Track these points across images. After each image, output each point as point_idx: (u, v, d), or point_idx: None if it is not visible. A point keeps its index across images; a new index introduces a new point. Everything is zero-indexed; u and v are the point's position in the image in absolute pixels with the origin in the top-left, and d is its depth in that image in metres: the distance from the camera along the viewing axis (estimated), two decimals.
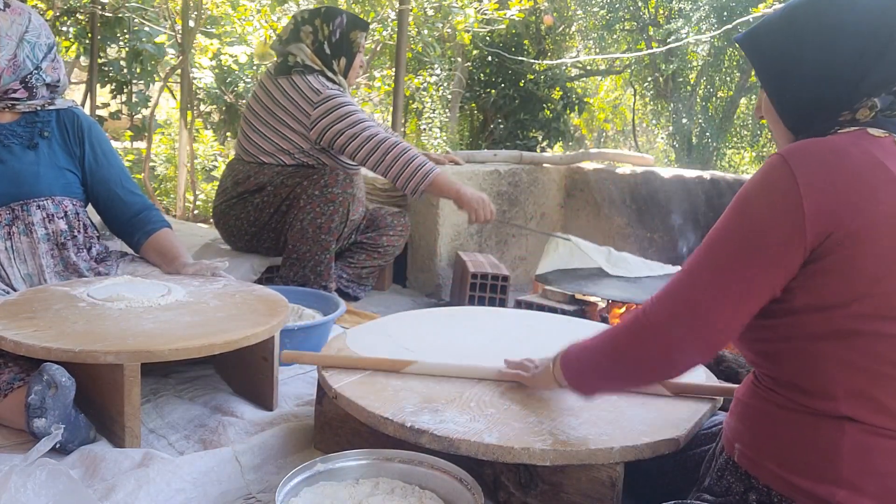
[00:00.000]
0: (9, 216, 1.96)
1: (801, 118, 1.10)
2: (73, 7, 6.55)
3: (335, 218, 2.62)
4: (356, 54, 2.84)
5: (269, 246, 2.80)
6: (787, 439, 1.05)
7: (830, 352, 1.01)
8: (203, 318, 1.73)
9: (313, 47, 2.77)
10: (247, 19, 7.51)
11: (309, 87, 2.70)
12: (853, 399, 1.00)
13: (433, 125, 9.51)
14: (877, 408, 1.00)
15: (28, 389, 1.49)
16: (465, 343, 1.80)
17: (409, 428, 1.32)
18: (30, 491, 1.22)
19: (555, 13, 10.85)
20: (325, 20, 2.77)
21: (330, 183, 2.61)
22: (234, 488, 1.46)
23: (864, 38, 1.02)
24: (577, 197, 3.81)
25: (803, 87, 1.08)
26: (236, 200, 2.77)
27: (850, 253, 0.98)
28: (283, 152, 2.73)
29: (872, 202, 0.97)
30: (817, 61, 1.05)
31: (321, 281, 2.67)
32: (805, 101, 1.08)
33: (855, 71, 1.03)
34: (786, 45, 1.09)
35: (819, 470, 1.01)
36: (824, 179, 0.99)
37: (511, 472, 1.34)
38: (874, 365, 1.00)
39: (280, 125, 2.73)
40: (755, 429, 1.10)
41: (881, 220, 0.97)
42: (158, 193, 7.59)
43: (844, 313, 1.00)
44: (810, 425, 1.03)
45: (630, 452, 1.28)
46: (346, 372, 1.57)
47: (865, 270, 0.98)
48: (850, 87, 1.04)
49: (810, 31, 1.06)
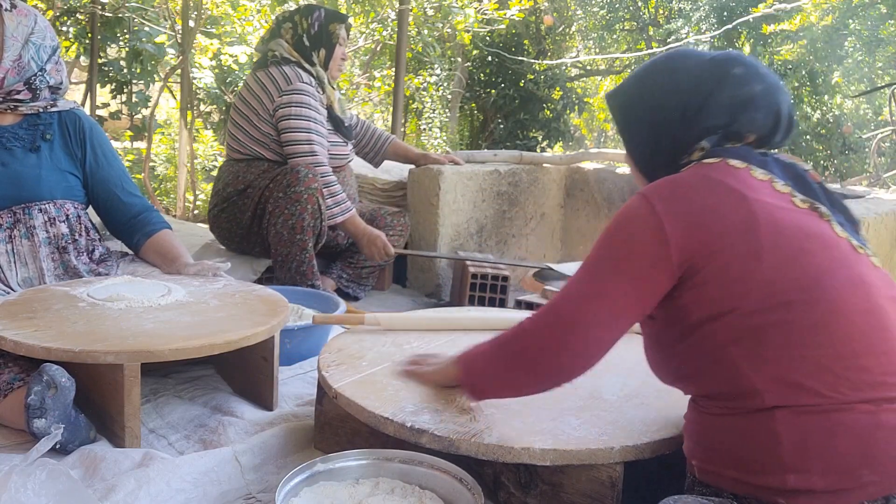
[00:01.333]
0: (10, 219, 1.96)
1: (648, 164, 1.29)
2: (73, 7, 6.55)
3: (305, 216, 2.62)
4: (335, 45, 2.89)
5: (258, 249, 2.82)
6: (733, 444, 1.11)
7: (740, 353, 1.09)
8: (203, 318, 1.73)
9: (293, 41, 2.84)
10: (247, 19, 7.51)
11: (282, 75, 2.76)
12: (775, 389, 1.07)
13: (433, 125, 9.50)
14: (798, 389, 1.06)
15: (28, 390, 1.49)
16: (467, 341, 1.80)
17: (409, 428, 1.32)
18: (30, 491, 1.23)
19: (555, 13, 10.84)
20: (304, 15, 2.85)
21: (292, 182, 2.61)
22: (234, 488, 1.46)
23: (687, 95, 1.21)
24: (577, 197, 3.81)
25: (645, 138, 1.28)
26: (226, 203, 2.80)
27: (718, 262, 1.10)
28: (257, 143, 2.78)
29: (721, 214, 1.12)
30: (653, 116, 1.25)
31: (306, 280, 2.67)
32: (648, 151, 1.28)
33: (682, 123, 1.22)
34: (630, 104, 1.30)
35: (766, 463, 1.07)
36: (677, 206, 1.14)
37: (511, 471, 1.34)
38: (783, 353, 1.07)
39: (253, 115, 2.78)
40: (703, 443, 1.17)
41: (735, 226, 1.11)
42: (158, 193, 7.59)
43: (736, 316, 1.09)
44: (747, 424, 1.10)
45: (630, 452, 1.28)
46: (346, 371, 1.57)
47: (735, 273, 1.09)
48: (681, 136, 1.22)
49: (647, 91, 1.27)
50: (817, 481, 1.04)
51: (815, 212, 1.15)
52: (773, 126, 1.22)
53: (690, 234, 1.12)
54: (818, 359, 1.06)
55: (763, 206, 1.12)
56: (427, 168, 3.21)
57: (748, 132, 1.21)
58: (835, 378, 1.06)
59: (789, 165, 1.22)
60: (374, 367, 1.60)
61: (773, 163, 1.20)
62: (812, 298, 1.08)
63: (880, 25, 9.01)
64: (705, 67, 1.22)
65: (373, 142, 3.22)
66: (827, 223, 1.15)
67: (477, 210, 3.35)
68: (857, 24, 9.19)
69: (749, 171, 1.17)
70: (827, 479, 1.04)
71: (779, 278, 1.09)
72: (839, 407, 1.05)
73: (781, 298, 1.08)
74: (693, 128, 1.21)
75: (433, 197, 3.18)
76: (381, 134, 3.26)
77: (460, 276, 2.92)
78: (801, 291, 1.08)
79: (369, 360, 1.64)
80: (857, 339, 1.07)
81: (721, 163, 1.17)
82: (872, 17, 9.09)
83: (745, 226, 1.11)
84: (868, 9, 9.19)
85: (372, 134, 3.23)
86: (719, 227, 1.11)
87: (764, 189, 1.15)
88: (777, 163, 1.21)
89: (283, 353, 1.98)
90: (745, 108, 1.19)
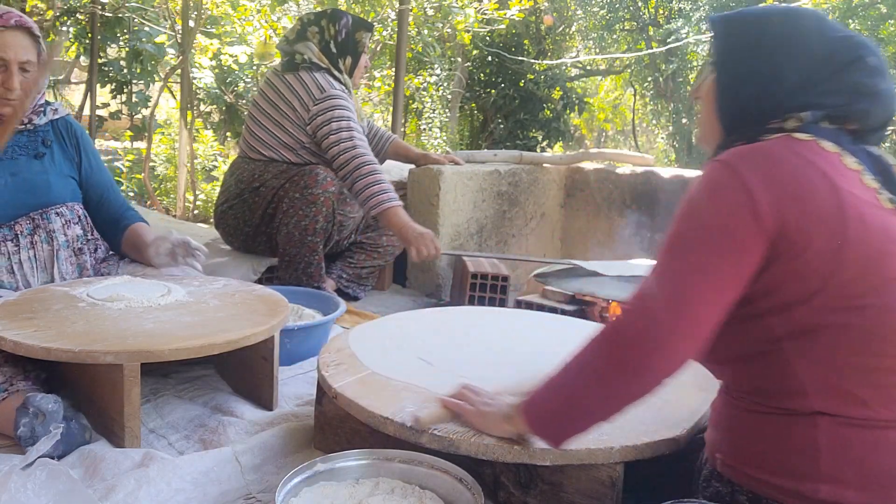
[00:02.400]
0: (30, 225, 1.98)
1: (734, 115, 1.16)
2: (73, 7, 6.55)
3: (319, 219, 2.62)
4: (361, 54, 2.89)
5: (264, 248, 2.82)
6: (765, 442, 1.07)
7: (794, 350, 1.04)
8: (203, 318, 1.73)
9: (320, 46, 2.81)
10: (247, 19, 7.51)
11: (315, 83, 2.74)
12: (823, 393, 1.02)
13: (433, 125, 9.50)
14: (847, 399, 1.02)
15: (16, 423, 1.51)
16: (467, 341, 1.80)
17: (409, 428, 1.32)
18: (30, 491, 1.23)
19: (555, 13, 10.84)
20: (332, 20, 2.83)
21: (310, 184, 2.61)
22: (233, 488, 1.46)
23: (815, 62, 1.11)
24: (577, 197, 3.81)
25: (752, 87, 1.14)
26: (237, 200, 2.78)
27: (801, 249, 1.02)
28: (285, 147, 2.75)
29: (812, 197, 1.03)
30: (767, 67, 1.13)
31: (312, 282, 2.67)
32: (743, 101, 1.15)
33: (800, 87, 1.11)
34: (745, 43, 1.16)
35: (799, 468, 1.03)
36: (766, 176, 1.04)
37: (511, 471, 1.34)
38: (839, 357, 1.02)
39: (283, 118, 2.75)
40: (732, 437, 1.12)
41: (824, 214, 1.02)
42: (158, 193, 7.58)
43: (803, 310, 1.03)
44: (784, 425, 1.05)
45: (630, 452, 1.28)
46: (346, 372, 1.56)
47: (816, 265, 1.02)
48: (790, 100, 1.12)
49: (771, 38, 1.14)
50: (852, 496, 1.01)
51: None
52: (880, 126, 1.14)
53: (785, 206, 1.03)
54: (874, 370, 1.02)
55: (853, 198, 1.04)
56: (427, 168, 3.21)
57: (856, 121, 1.12)
58: (886, 392, 1.02)
59: (877, 158, 1.13)
60: (374, 366, 1.60)
61: (863, 153, 1.12)
62: (884, 305, 1.02)
63: (880, 25, 9.01)
64: (842, 42, 1.12)
65: (375, 140, 3.23)
66: None
67: (477, 210, 3.35)
68: (857, 24, 9.19)
69: (840, 157, 1.08)
70: (862, 495, 1.01)
71: (856, 278, 1.02)
72: (885, 424, 1.02)
73: (853, 301, 1.02)
74: (806, 96, 1.11)
75: (433, 197, 3.18)
76: (383, 133, 3.26)
77: (460, 276, 2.92)
78: (873, 298, 1.02)
79: (369, 360, 1.64)
80: None
81: (812, 142, 1.09)
82: (872, 17, 9.10)
83: (836, 216, 1.03)
84: (868, 9, 9.19)
85: (375, 133, 3.23)
86: (812, 208, 1.03)
87: (854, 180, 1.07)
88: (867, 154, 1.13)
89: (283, 353, 1.98)
90: (867, 98, 1.11)
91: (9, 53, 1.87)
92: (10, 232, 1.95)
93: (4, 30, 1.86)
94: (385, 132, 3.28)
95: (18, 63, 1.89)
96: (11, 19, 1.88)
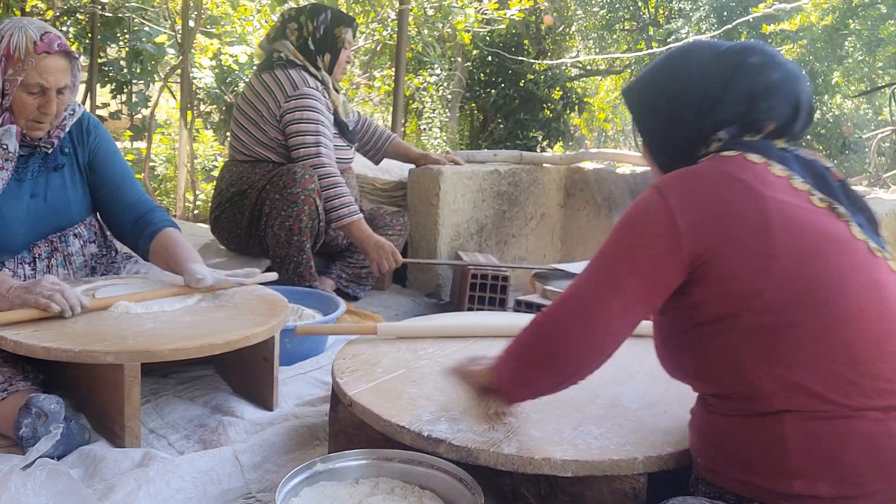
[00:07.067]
0: (48, 248, 1.94)
1: (664, 157, 1.27)
2: (73, 7, 6.54)
3: (303, 218, 2.61)
4: (341, 50, 2.86)
5: (257, 250, 2.82)
6: (739, 445, 1.10)
7: (749, 354, 1.08)
8: (203, 318, 1.73)
9: (297, 43, 2.81)
10: (247, 19, 7.50)
11: (288, 79, 2.74)
12: (784, 391, 1.06)
13: (433, 125, 9.50)
14: (807, 394, 1.05)
15: (18, 423, 1.50)
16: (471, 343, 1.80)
17: (426, 437, 1.28)
18: (30, 491, 1.23)
19: (555, 13, 10.84)
20: (310, 16, 2.81)
21: (288, 183, 2.60)
22: (234, 488, 1.46)
23: (704, 84, 1.19)
24: (577, 197, 3.81)
25: (662, 130, 1.25)
26: (228, 204, 2.79)
27: (731, 260, 1.08)
28: (264, 146, 2.77)
29: (734, 217, 1.09)
30: (670, 107, 1.23)
31: (303, 282, 2.67)
32: (665, 143, 1.26)
33: (699, 114, 1.19)
34: (647, 96, 1.28)
35: (773, 466, 1.06)
36: (690, 200, 1.12)
37: (531, 482, 1.29)
38: (792, 355, 1.06)
39: (259, 118, 2.76)
40: (710, 442, 1.16)
41: (747, 229, 1.08)
42: (158, 193, 7.58)
43: (749, 315, 1.07)
44: (755, 426, 1.09)
45: (654, 463, 1.24)
46: (361, 378, 1.53)
47: (745, 281, 1.07)
48: (698, 127, 1.20)
49: (663, 83, 1.24)
50: (824, 488, 1.03)
51: (833, 212, 1.12)
52: (793, 115, 1.18)
53: (703, 228, 1.10)
54: (829, 363, 1.04)
55: (779, 204, 1.09)
56: (427, 168, 3.21)
57: (767, 121, 1.18)
58: (845, 384, 1.04)
59: (810, 162, 1.18)
60: (389, 373, 1.57)
61: (793, 159, 1.17)
62: (825, 301, 1.06)
63: (880, 25, 9.00)
64: (721, 57, 1.20)
65: (374, 139, 3.22)
66: (845, 224, 1.11)
67: (477, 210, 3.35)
68: (857, 24, 9.19)
69: (767, 166, 1.13)
70: (834, 487, 1.03)
71: (792, 279, 1.06)
72: (849, 414, 1.04)
73: (794, 300, 1.06)
74: (710, 118, 1.18)
75: (433, 197, 3.18)
76: (382, 132, 3.25)
77: (460, 276, 2.92)
78: (814, 293, 1.06)
79: (385, 367, 1.61)
80: (870, 344, 1.05)
81: (738, 157, 1.15)
82: (872, 17, 9.09)
83: (759, 225, 1.08)
84: (868, 9, 9.18)
85: (374, 132, 3.23)
86: (733, 223, 1.09)
87: (781, 186, 1.12)
88: (797, 159, 1.18)
89: (283, 353, 1.98)
90: (763, 96, 1.16)
91: (49, 80, 1.80)
92: (29, 255, 1.91)
93: (47, 55, 1.78)
94: (386, 131, 3.28)
95: (57, 88, 1.83)
96: (54, 43, 1.80)
